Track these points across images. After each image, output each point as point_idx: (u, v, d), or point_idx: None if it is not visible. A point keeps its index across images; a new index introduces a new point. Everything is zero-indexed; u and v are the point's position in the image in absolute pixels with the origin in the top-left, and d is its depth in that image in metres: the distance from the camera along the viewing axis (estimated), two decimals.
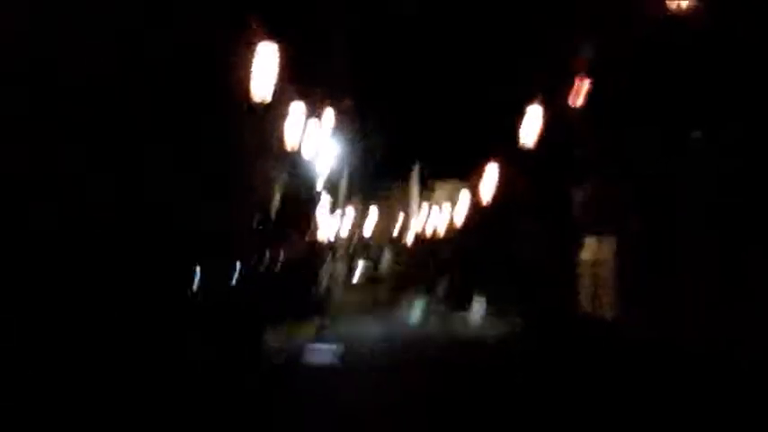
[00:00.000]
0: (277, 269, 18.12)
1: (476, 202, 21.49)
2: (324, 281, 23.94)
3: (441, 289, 24.16)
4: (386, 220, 35.37)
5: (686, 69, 9.99)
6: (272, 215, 18.60)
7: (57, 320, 7.09)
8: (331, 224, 27.63)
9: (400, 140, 33.25)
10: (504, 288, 18.45)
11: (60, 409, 6.51)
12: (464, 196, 22.81)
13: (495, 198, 19.16)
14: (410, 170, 33.50)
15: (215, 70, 10.53)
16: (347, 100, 23.84)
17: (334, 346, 12.94)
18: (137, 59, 8.43)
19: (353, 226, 30.54)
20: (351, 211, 32.79)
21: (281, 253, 18.82)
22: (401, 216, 34.21)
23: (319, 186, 22.48)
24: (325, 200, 24.41)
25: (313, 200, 22.63)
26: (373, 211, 34.31)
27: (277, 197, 18.96)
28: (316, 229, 23.38)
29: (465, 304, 20.43)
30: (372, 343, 15.28)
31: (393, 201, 35.80)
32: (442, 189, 30.87)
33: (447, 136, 28.13)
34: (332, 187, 30.36)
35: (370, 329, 17.83)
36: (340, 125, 20.85)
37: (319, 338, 14.69)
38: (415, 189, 32.99)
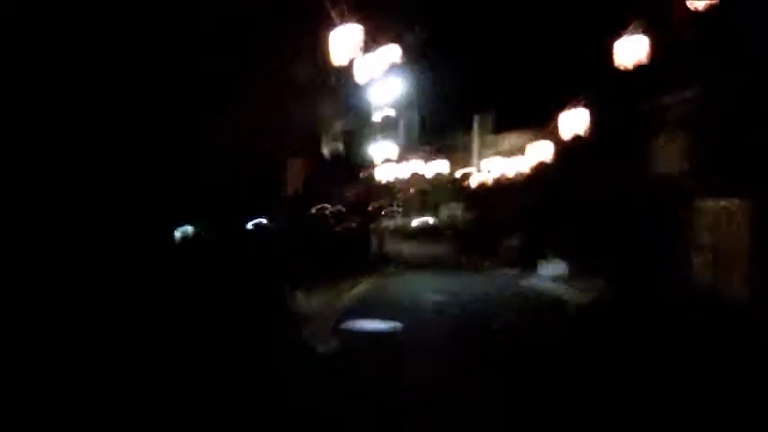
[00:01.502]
0: (322, 215, 16.25)
1: (553, 149, 19.06)
2: (380, 231, 21.80)
3: (510, 245, 21.79)
4: (453, 167, 33.14)
5: None
6: (326, 154, 16.61)
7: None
8: (393, 168, 25.44)
9: (469, 85, 31.04)
10: (584, 245, 16.05)
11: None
12: (539, 143, 20.21)
13: (577, 143, 16.81)
14: (479, 117, 31.16)
15: None
16: (417, 30, 21.53)
17: (388, 324, 10.65)
18: None
19: (417, 172, 28.37)
20: (415, 156, 30.63)
21: (333, 197, 16.90)
22: (468, 164, 31.80)
23: (378, 120, 20.27)
24: (385, 143, 22.21)
25: (372, 137, 20.49)
26: (438, 159, 32.10)
27: (331, 133, 16.99)
28: (373, 170, 21.20)
29: (539, 263, 18.11)
30: (431, 312, 12.84)
31: (460, 148, 33.55)
32: (511, 136, 28.65)
33: (519, 81, 25.86)
34: (395, 129, 28.24)
35: (428, 293, 15.29)
36: (407, 61, 18.58)
37: (369, 308, 12.61)
38: (483, 135, 30.50)
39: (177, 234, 9.12)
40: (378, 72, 11.12)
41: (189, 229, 9.29)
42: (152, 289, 7.48)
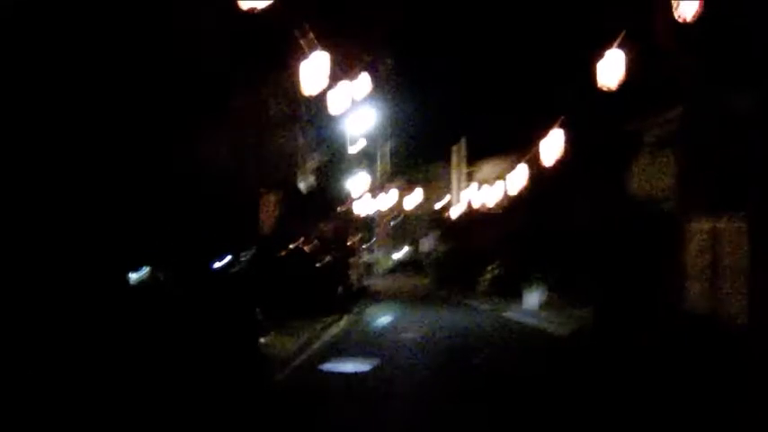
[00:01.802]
0: (299, 251, 15.77)
1: (532, 175, 18.80)
2: (359, 265, 21.29)
3: (490, 276, 21.43)
4: (429, 198, 32.86)
5: None
6: (302, 188, 16.17)
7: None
8: (369, 201, 25.06)
9: (443, 115, 30.95)
10: (567, 273, 15.70)
11: None
12: (518, 169, 19.93)
13: (557, 168, 16.55)
14: (454, 146, 31.01)
15: None
16: (387, 60, 21.39)
17: (364, 363, 10.02)
18: None
19: (394, 204, 28.03)
20: (391, 188, 30.33)
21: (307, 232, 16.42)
22: (445, 195, 31.56)
23: (354, 151, 19.90)
24: (361, 175, 21.83)
25: (347, 171, 20.11)
26: (415, 190, 31.84)
27: (307, 167, 16.58)
28: (351, 204, 20.78)
29: (520, 291, 17.74)
30: (411, 348, 12.17)
31: (436, 178, 33.37)
32: (487, 165, 28.51)
33: (494, 108, 25.81)
34: (370, 161, 27.93)
35: (407, 326, 14.93)
36: (379, 91, 18.33)
37: (348, 346, 12.13)
38: (459, 165, 30.30)
39: (133, 277, 8.29)
40: (350, 102, 10.82)
41: (146, 271, 8.44)
42: (97, 343, 6.68)
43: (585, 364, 10.33)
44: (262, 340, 10.16)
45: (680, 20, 6.45)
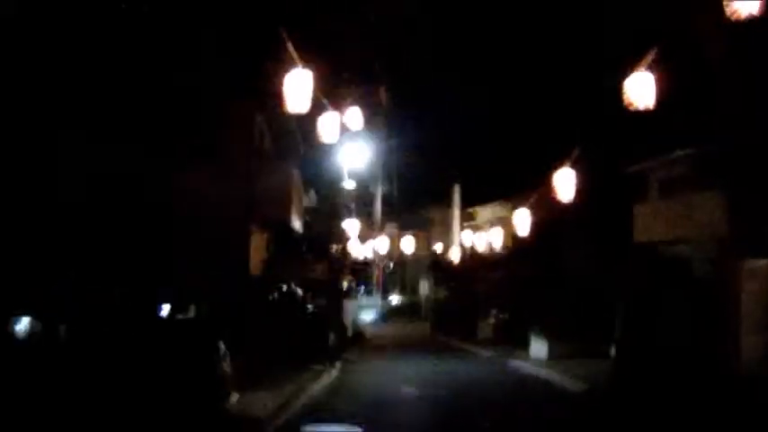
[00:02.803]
0: (291, 294, 14.80)
1: (535, 218, 18.08)
2: (349, 313, 20.22)
3: (491, 323, 20.48)
4: (426, 241, 32.03)
5: None
6: (295, 226, 15.38)
7: None
8: (366, 242, 24.28)
9: (440, 160, 30.30)
10: (577, 321, 14.75)
11: None
12: (518, 214, 19.11)
13: (562, 211, 15.84)
14: (453, 189, 30.36)
15: None
16: (381, 92, 20.82)
17: (353, 427, 8.43)
18: None
19: (391, 247, 27.22)
20: (388, 230, 29.56)
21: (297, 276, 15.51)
22: (443, 237, 30.75)
23: (349, 189, 19.19)
24: (356, 217, 21.06)
25: (342, 211, 19.36)
26: (410, 236, 31.01)
27: (301, 206, 15.84)
28: (346, 245, 19.94)
29: (525, 337, 16.77)
30: (409, 405, 11.05)
31: (434, 221, 32.61)
32: (486, 208, 27.81)
33: (491, 154, 25.31)
34: (366, 202, 27.23)
35: (405, 378, 13.56)
36: (373, 123, 17.70)
37: (335, 403, 10.67)
38: (457, 208, 29.57)
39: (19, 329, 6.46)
40: (339, 134, 10.17)
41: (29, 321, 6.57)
42: None
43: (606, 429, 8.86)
44: (233, 399, 8.43)
45: (732, 17, 5.66)
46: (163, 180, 8.69)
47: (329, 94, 11.21)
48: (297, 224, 15.60)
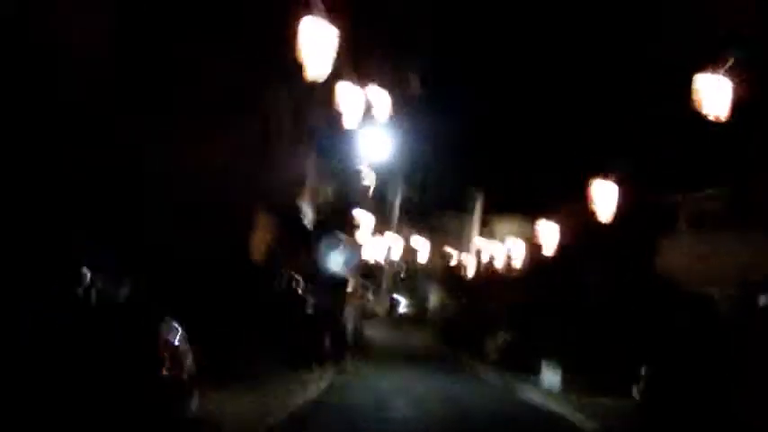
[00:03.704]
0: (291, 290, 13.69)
1: (561, 237, 16.99)
2: (359, 314, 19.15)
3: (501, 343, 19.28)
4: (438, 251, 30.92)
5: None
6: (306, 217, 14.36)
7: None
8: (378, 245, 23.29)
9: (463, 166, 29.24)
10: (596, 352, 13.59)
11: None
12: (543, 228, 17.90)
13: (585, 233, 14.79)
14: (473, 199, 29.28)
15: None
16: (413, 81, 19.79)
17: None
18: None
19: (404, 253, 26.22)
20: (403, 234, 28.58)
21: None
22: (458, 247, 29.73)
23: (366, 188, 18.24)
24: (372, 215, 20.01)
25: (357, 207, 18.36)
26: (424, 241, 29.93)
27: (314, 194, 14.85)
28: (360, 245, 18.92)
29: (535, 365, 15.63)
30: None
31: (449, 229, 31.51)
32: (505, 222, 26.47)
33: (517, 162, 24.19)
34: (382, 201, 26.16)
35: (402, 400, 12.03)
36: (398, 116, 16.67)
37: (323, 419, 9.44)
38: (476, 219, 28.50)
39: None
40: (364, 120, 9.29)
41: None
42: None
43: None
44: (192, 405, 6.39)
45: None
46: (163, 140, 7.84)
47: (357, 70, 10.26)
48: (309, 214, 14.60)
